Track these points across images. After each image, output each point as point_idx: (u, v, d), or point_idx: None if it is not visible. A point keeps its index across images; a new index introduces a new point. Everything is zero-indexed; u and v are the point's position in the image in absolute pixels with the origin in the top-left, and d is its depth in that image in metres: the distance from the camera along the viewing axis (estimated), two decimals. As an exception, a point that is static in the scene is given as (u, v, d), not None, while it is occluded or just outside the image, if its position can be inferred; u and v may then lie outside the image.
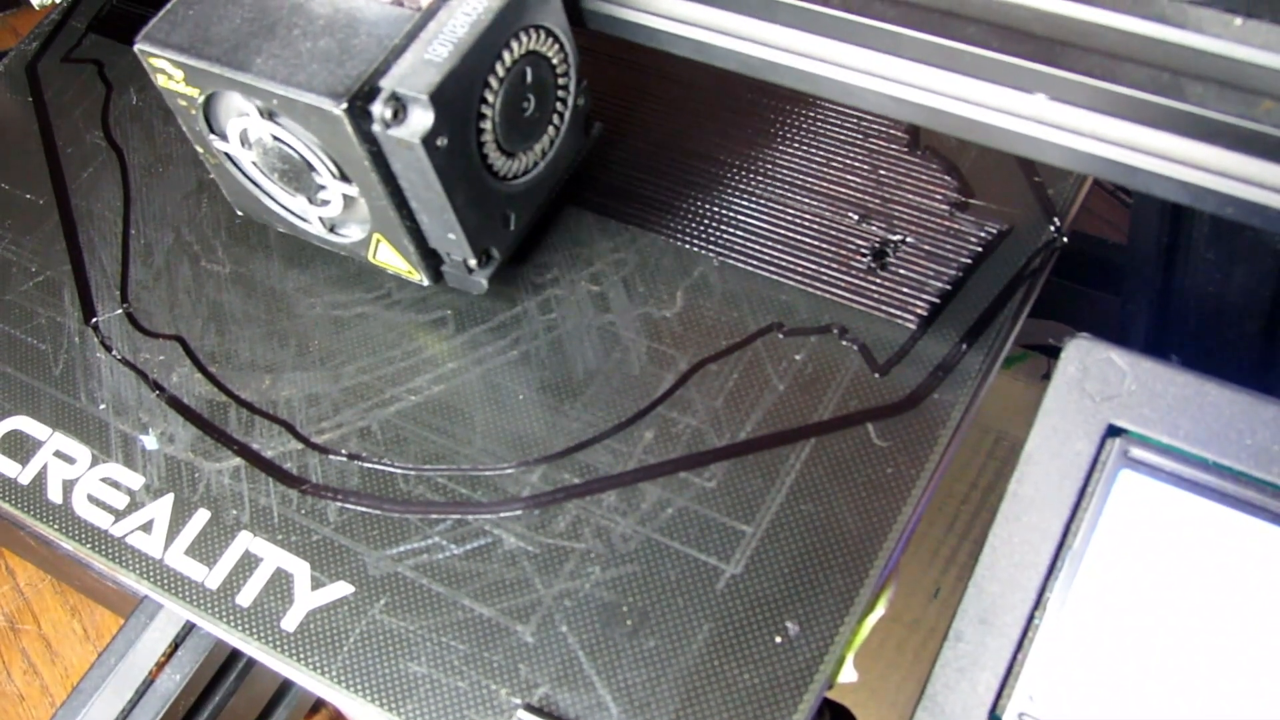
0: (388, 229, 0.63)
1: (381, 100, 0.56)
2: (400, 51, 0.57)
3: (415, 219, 0.63)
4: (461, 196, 0.60)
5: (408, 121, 0.56)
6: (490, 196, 0.63)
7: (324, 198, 0.64)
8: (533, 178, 0.66)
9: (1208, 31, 0.49)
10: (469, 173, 0.60)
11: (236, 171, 0.67)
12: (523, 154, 0.65)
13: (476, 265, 0.65)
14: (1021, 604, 0.51)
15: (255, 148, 0.63)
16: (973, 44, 0.52)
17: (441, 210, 0.60)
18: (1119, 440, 0.52)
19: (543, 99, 0.64)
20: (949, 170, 0.68)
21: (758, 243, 0.67)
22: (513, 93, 0.61)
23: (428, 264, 0.66)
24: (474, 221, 0.62)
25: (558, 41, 0.63)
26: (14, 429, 0.68)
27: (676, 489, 0.60)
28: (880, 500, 0.58)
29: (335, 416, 0.65)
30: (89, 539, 0.63)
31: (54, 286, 0.74)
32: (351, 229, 0.66)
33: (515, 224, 0.66)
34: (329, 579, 0.60)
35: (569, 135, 0.67)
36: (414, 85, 0.56)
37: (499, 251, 0.66)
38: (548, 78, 0.64)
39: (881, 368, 0.62)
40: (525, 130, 0.64)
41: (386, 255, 0.66)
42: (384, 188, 0.60)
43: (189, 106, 0.63)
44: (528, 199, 0.67)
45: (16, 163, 0.81)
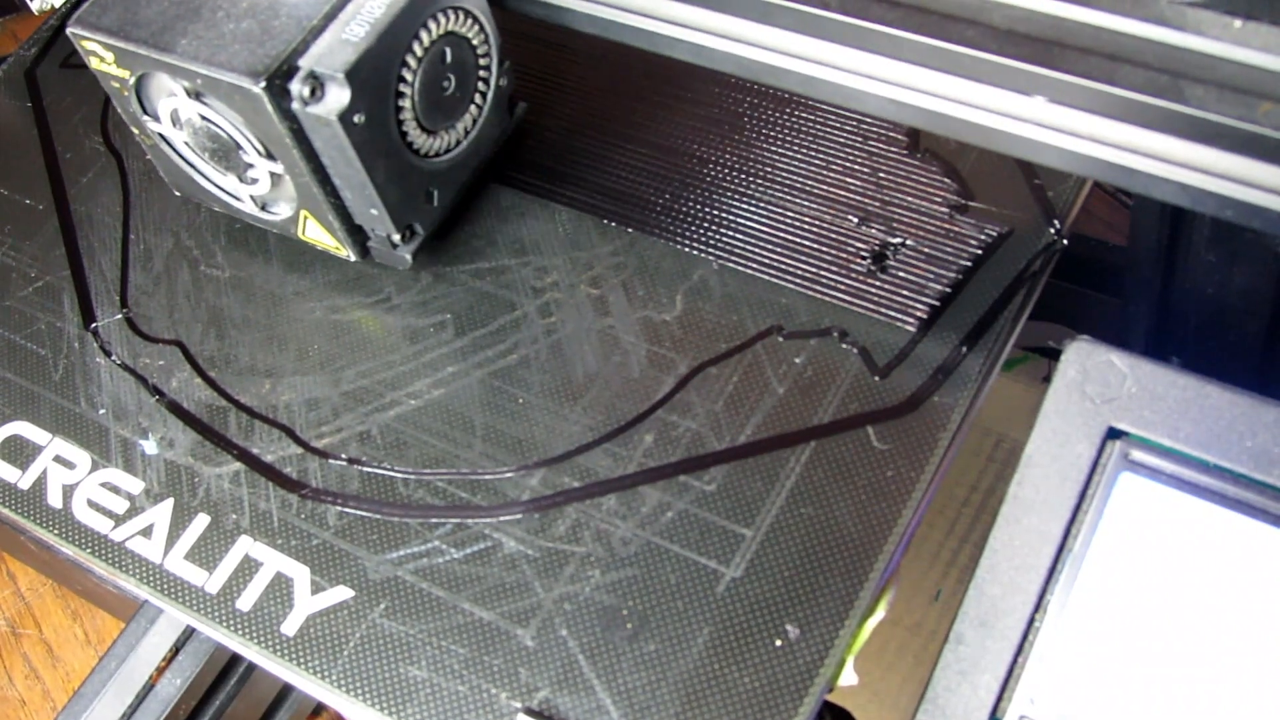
0: (313, 206, 0.65)
1: (299, 79, 0.58)
2: (319, 32, 0.59)
3: (339, 195, 0.65)
4: (382, 173, 0.63)
5: (325, 99, 0.58)
6: (412, 173, 0.65)
7: (253, 176, 0.66)
8: (455, 156, 0.68)
9: (1207, 33, 0.49)
10: (388, 149, 0.63)
11: (171, 152, 0.69)
12: (444, 132, 0.67)
13: (400, 241, 0.67)
14: (1022, 607, 0.51)
15: (185, 128, 0.65)
16: (972, 47, 0.52)
17: (362, 186, 0.63)
18: (1119, 443, 0.52)
19: (463, 79, 0.66)
20: (949, 173, 0.68)
21: (757, 246, 0.67)
22: (432, 72, 0.63)
23: (354, 240, 0.68)
24: (395, 197, 0.65)
25: (477, 23, 0.65)
26: (14, 434, 0.68)
27: (676, 492, 0.60)
28: (880, 503, 0.58)
29: (335, 421, 0.65)
30: (89, 544, 0.63)
31: (53, 291, 0.74)
32: (281, 206, 0.68)
33: (439, 200, 0.68)
34: (329, 583, 0.60)
35: (492, 115, 0.70)
36: (331, 64, 0.58)
37: (423, 227, 0.68)
38: (468, 58, 0.66)
39: (881, 371, 0.62)
40: (446, 109, 0.66)
41: (314, 232, 0.68)
42: (306, 164, 0.62)
43: (121, 88, 0.65)
44: (451, 176, 0.69)
45: (16, 168, 0.81)
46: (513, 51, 0.69)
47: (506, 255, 0.69)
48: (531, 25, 0.66)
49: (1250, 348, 0.66)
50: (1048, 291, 0.65)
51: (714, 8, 0.59)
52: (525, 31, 0.78)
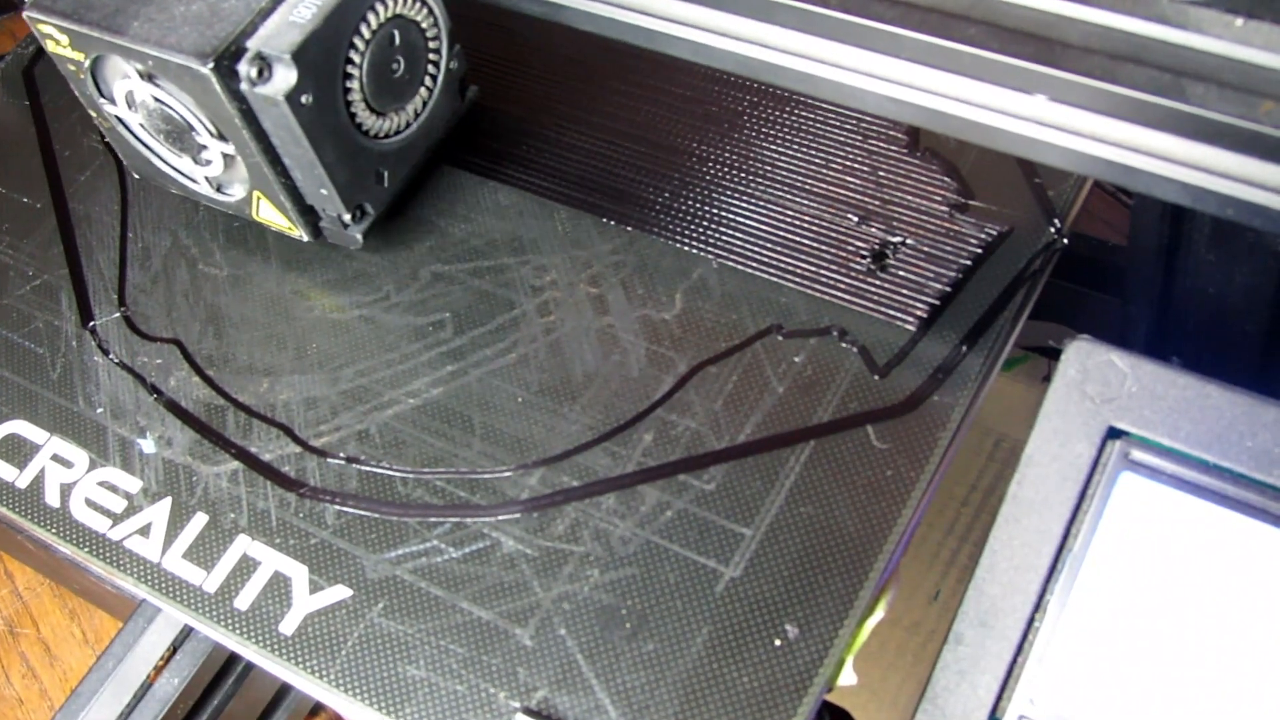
0: (265, 186, 0.66)
1: (247, 60, 0.59)
2: (267, 14, 0.60)
3: (289, 176, 0.66)
4: (330, 153, 0.64)
5: (272, 80, 0.60)
6: (361, 154, 0.66)
7: (206, 157, 0.67)
8: (406, 137, 0.69)
9: (1208, 32, 0.49)
10: (337, 130, 0.64)
11: (128, 134, 0.70)
12: (394, 114, 0.68)
13: (351, 220, 0.68)
14: (1022, 606, 0.51)
15: (140, 110, 0.66)
16: (973, 45, 0.52)
17: (311, 166, 0.64)
18: (1119, 442, 0.51)
19: (413, 61, 0.67)
20: (949, 171, 0.67)
21: (757, 244, 0.67)
22: (380, 54, 0.64)
23: (306, 220, 0.69)
24: (345, 178, 0.66)
25: (426, 6, 0.66)
26: (12, 433, 0.68)
27: (675, 491, 0.59)
28: (880, 503, 0.58)
29: (333, 420, 0.65)
30: (87, 543, 0.63)
31: (51, 290, 0.73)
32: (235, 188, 0.69)
33: (389, 181, 0.69)
34: (327, 582, 0.60)
35: (443, 97, 0.70)
36: (278, 45, 0.59)
37: (373, 207, 0.69)
38: (417, 41, 0.67)
39: (881, 370, 0.61)
40: (396, 91, 0.67)
41: (268, 212, 0.69)
42: (257, 145, 0.63)
43: (78, 71, 0.66)
44: (401, 157, 0.70)
45: (13, 166, 0.80)
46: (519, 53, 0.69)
47: (505, 254, 0.69)
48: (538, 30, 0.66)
49: (1251, 347, 0.66)
50: (1047, 291, 0.65)
51: (713, 6, 0.59)
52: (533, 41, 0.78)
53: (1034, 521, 0.52)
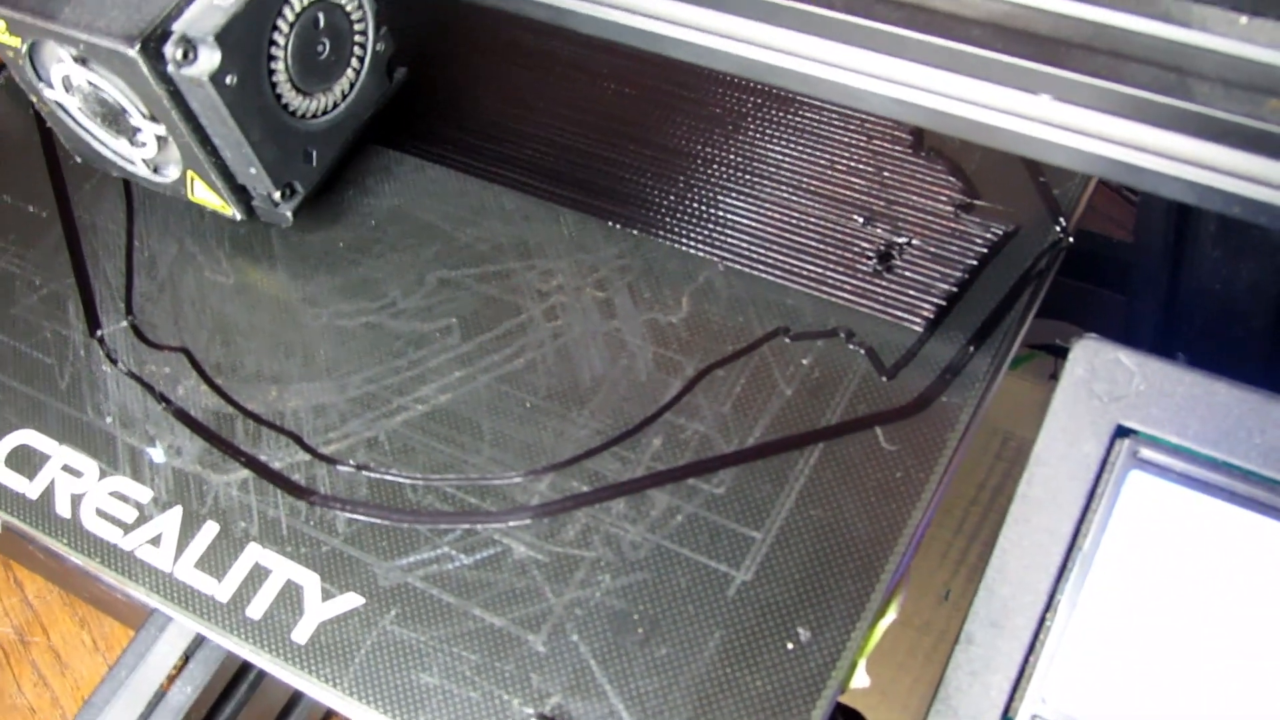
0: (197, 166, 0.68)
1: (172, 42, 0.61)
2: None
3: (219, 155, 0.68)
4: (257, 132, 0.66)
5: (197, 61, 0.62)
6: (289, 134, 0.68)
7: (141, 139, 0.69)
8: (334, 117, 0.71)
9: (1213, 30, 0.49)
10: (263, 110, 0.66)
11: (67, 118, 0.72)
12: (321, 94, 0.70)
13: (281, 199, 0.70)
14: (1033, 606, 0.51)
15: (76, 93, 0.68)
16: (977, 45, 0.52)
17: (239, 145, 0.66)
18: (1128, 441, 0.52)
19: (338, 43, 0.69)
20: (954, 171, 0.67)
21: (763, 246, 0.67)
22: (304, 36, 0.67)
23: (238, 199, 0.70)
24: (272, 156, 0.68)
25: None
26: (21, 443, 0.68)
27: (685, 496, 0.60)
28: (890, 504, 0.58)
29: (342, 427, 0.65)
30: (99, 553, 0.64)
31: (59, 299, 0.74)
32: (170, 169, 0.71)
33: (318, 160, 0.71)
34: (339, 590, 0.60)
35: (370, 79, 0.72)
36: (201, 28, 0.61)
37: (302, 186, 0.71)
38: (342, 23, 0.69)
39: (889, 371, 0.62)
40: (322, 72, 0.69)
41: (202, 192, 0.71)
42: (186, 125, 0.65)
43: (16, 57, 0.68)
44: (330, 137, 0.72)
45: (19, 175, 0.81)
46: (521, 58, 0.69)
47: (511, 258, 0.69)
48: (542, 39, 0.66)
49: (1258, 344, 0.66)
50: (1053, 288, 0.65)
51: (716, 8, 0.59)
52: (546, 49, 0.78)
53: (1043, 521, 0.52)
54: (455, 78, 0.79)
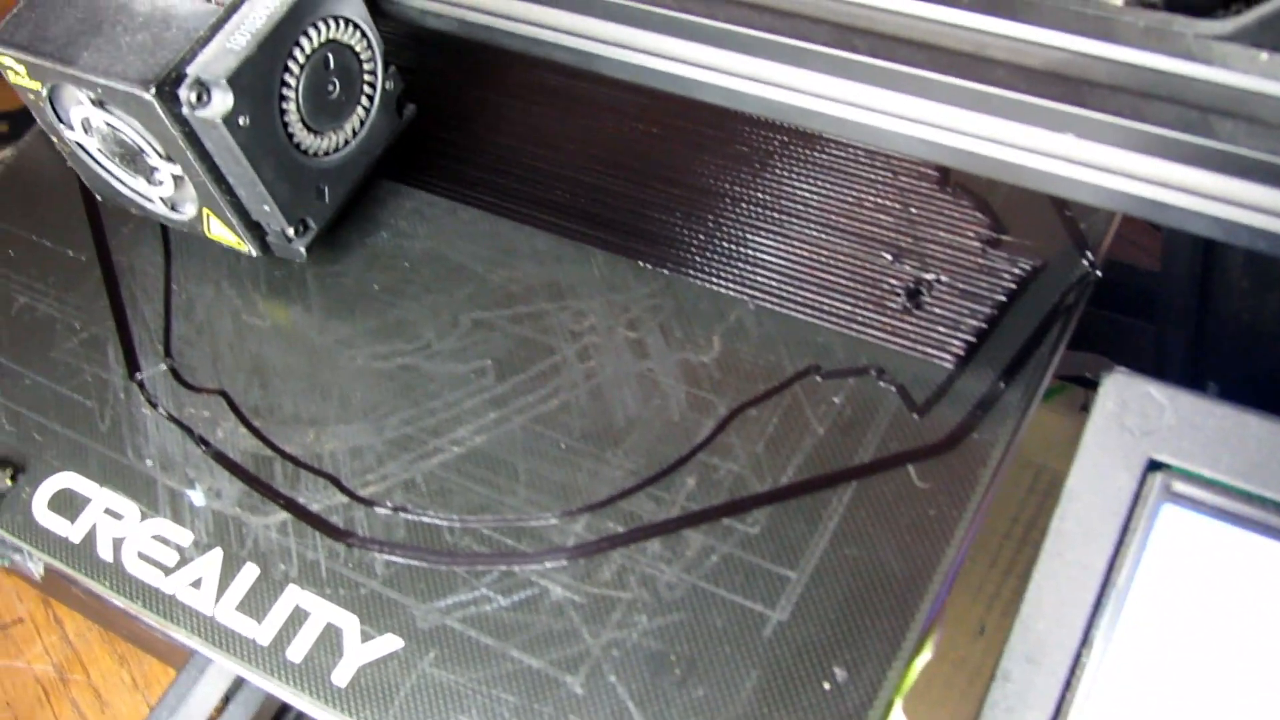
0: (212, 204, 0.70)
1: (186, 85, 0.63)
2: (205, 42, 0.64)
3: (234, 193, 0.69)
4: (270, 171, 0.68)
5: (211, 103, 0.64)
6: (301, 171, 0.70)
7: (158, 178, 0.71)
8: (345, 155, 0.73)
9: (1234, 68, 0.49)
10: (275, 149, 0.68)
11: (87, 158, 0.74)
12: (332, 133, 0.72)
13: (294, 235, 0.72)
14: (1068, 641, 0.51)
15: (95, 134, 0.70)
16: (1001, 86, 0.53)
17: (253, 184, 0.68)
18: (1160, 475, 0.52)
19: (348, 83, 0.72)
20: (980, 207, 0.68)
21: (792, 285, 0.68)
22: (315, 77, 0.69)
23: (253, 235, 0.72)
24: (286, 194, 0.70)
25: (359, 30, 0.70)
26: (64, 486, 0.69)
27: (720, 536, 0.60)
28: (924, 542, 0.58)
29: (380, 469, 0.66)
30: (140, 596, 0.64)
31: (98, 343, 0.74)
32: (187, 207, 0.73)
33: (330, 197, 0.73)
34: (378, 632, 0.60)
35: (380, 116, 0.74)
36: (214, 71, 0.63)
37: (315, 222, 0.73)
38: (351, 63, 0.71)
39: (920, 408, 0.62)
40: (332, 111, 0.71)
41: (218, 229, 0.73)
42: (201, 165, 0.67)
43: (37, 99, 0.70)
44: (341, 174, 0.73)
45: (58, 220, 0.82)
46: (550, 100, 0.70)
47: (544, 299, 0.70)
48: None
49: (1287, 375, 0.66)
50: (1081, 319, 0.65)
51: (744, 52, 0.59)
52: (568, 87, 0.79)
53: (1077, 556, 0.52)
54: (486, 120, 0.80)
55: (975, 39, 0.54)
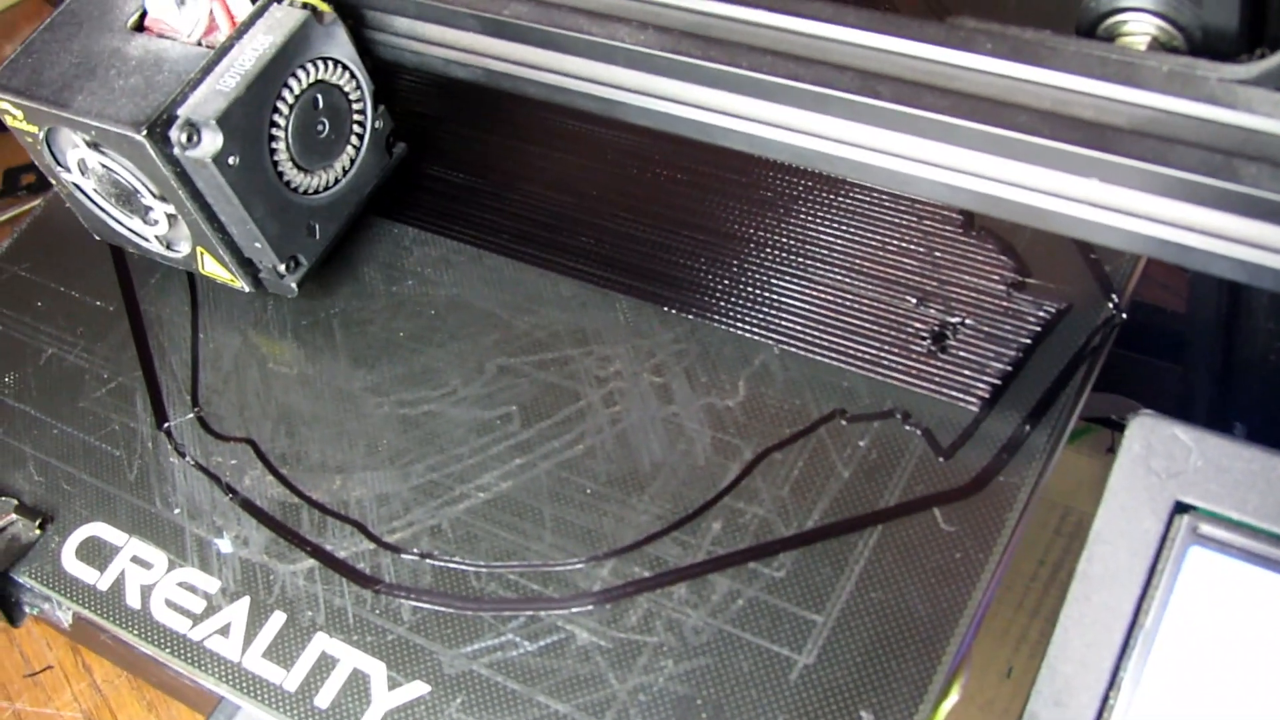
0: (205, 242, 0.72)
1: (177, 126, 0.65)
2: (196, 84, 0.66)
3: (226, 231, 0.71)
4: (260, 209, 0.69)
5: (201, 144, 0.65)
6: (291, 209, 0.72)
7: (153, 217, 0.73)
8: (335, 192, 0.75)
9: (1258, 112, 0.49)
10: (265, 187, 0.70)
11: (84, 199, 0.76)
12: (322, 171, 0.73)
13: (286, 271, 0.73)
14: (1096, 684, 0.51)
15: (91, 175, 0.72)
16: (1024, 131, 0.53)
17: (243, 221, 0.69)
18: (1187, 517, 0.52)
19: (337, 122, 0.73)
20: (1005, 250, 0.68)
21: (817, 329, 0.68)
22: (304, 117, 0.70)
23: (245, 272, 0.74)
24: (276, 231, 0.71)
25: (348, 70, 0.72)
26: (92, 535, 0.69)
27: (746, 580, 0.60)
28: (950, 586, 0.58)
29: (406, 515, 0.66)
30: (168, 644, 0.64)
31: (126, 392, 0.75)
32: (181, 245, 0.74)
33: (321, 234, 0.75)
34: (405, 679, 0.61)
35: (370, 155, 0.76)
36: (204, 112, 0.65)
37: (306, 258, 0.74)
38: (340, 103, 0.73)
39: (946, 451, 0.62)
40: (322, 150, 0.73)
41: (212, 266, 0.74)
42: (193, 204, 0.68)
43: (35, 143, 0.72)
44: (332, 211, 0.75)
45: (86, 271, 0.82)
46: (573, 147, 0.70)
47: (569, 345, 0.70)
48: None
49: (1314, 417, 0.66)
50: (1107, 360, 0.65)
51: (767, 98, 0.60)
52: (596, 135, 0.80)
53: (1105, 598, 0.52)
54: (510, 167, 0.80)
55: (999, 84, 0.54)
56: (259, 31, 0.68)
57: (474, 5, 0.66)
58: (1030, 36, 0.55)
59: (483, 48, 0.68)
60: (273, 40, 0.67)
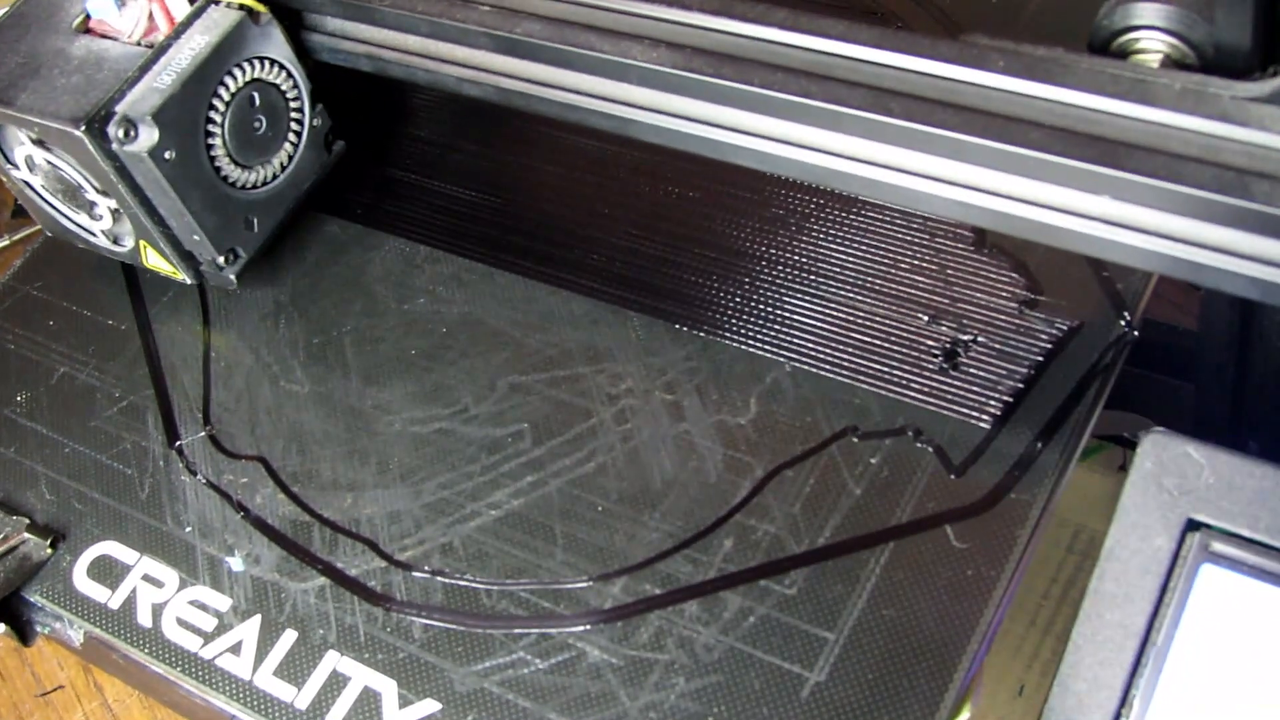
0: (147, 235, 0.74)
1: (115, 122, 0.67)
2: (134, 82, 0.69)
3: (166, 225, 0.73)
4: (197, 202, 0.72)
5: (138, 139, 0.68)
6: (229, 203, 0.75)
7: (98, 213, 0.75)
8: (274, 188, 0.77)
9: (1271, 129, 0.49)
10: (201, 182, 0.72)
11: (34, 196, 0.78)
12: (260, 167, 0.76)
13: (225, 264, 0.75)
14: (1108, 702, 0.51)
15: (39, 172, 0.75)
16: (1036, 149, 0.53)
17: (181, 215, 0.72)
18: (1199, 534, 0.51)
19: (275, 119, 0.76)
20: (1016, 268, 0.68)
21: (829, 346, 0.68)
22: (240, 114, 0.73)
23: (186, 265, 0.76)
24: (214, 225, 0.74)
25: (285, 70, 0.75)
26: (103, 553, 0.69)
27: (758, 597, 0.60)
28: (962, 603, 0.58)
29: (417, 533, 0.66)
30: (179, 662, 0.64)
31: (138, 411, 0.75)
32: (126, 240, 0.77)
33: (260, 227, 0.77)
34: (416, 697, 0.60)
35: (308, 151, 0.79)
36: (140, 109, 0.68)
37: (245, 251, 0.77)
38: (277, 101, 0.75)
39: (957, 469, 0.62)
40: (260, 146, 0.76)
41: (155, 260, 0.77)
42: (133, 197, 0.71)
43: None
44: (270, 206, 0.78)
45: (98, 290, 0.83)
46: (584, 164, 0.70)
47: (580, 363, 0.70)
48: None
49: (1328, 435, 0.66)
50: (1119, 377, 0.65)
51: (779, 116, 0.60)
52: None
53: (1116, 616, 0.52)
54: (521, 186, 0.80)
55: (1011, 101, 0.54)
56: (196, 32, 0.70)
57: (486, 23, 0.66)
58: (1042, 54, 0.55)
59: (495, 66, 0.68)
60: (208, 40, 0.70)
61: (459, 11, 0.67)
